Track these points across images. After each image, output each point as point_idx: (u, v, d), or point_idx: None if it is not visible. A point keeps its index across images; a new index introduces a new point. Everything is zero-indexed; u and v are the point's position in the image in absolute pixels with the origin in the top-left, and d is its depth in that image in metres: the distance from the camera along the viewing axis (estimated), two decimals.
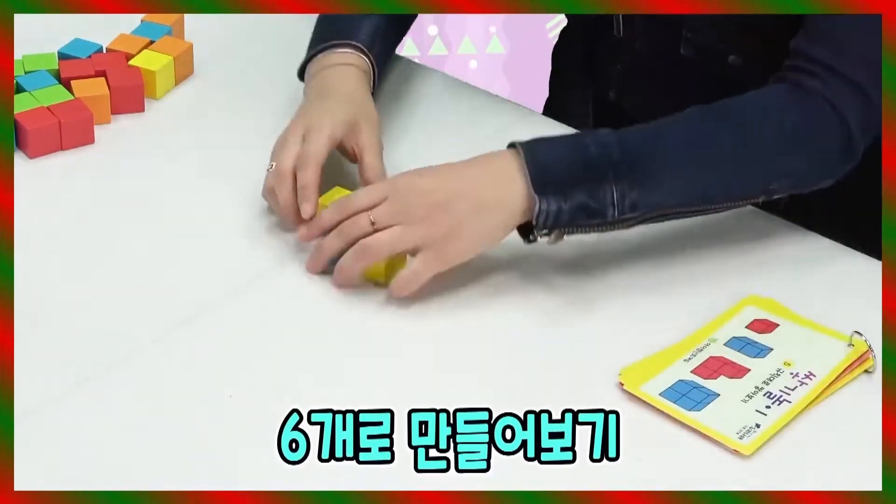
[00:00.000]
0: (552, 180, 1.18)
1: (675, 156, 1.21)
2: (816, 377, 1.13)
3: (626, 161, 1.19)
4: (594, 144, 1.20)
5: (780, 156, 1.23)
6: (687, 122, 1.24)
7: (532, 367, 1.16)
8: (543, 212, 1.18)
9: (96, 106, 1.40)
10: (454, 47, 2.92)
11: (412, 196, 1.18)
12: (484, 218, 1.18)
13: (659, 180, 1.20)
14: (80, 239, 1.27)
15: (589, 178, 1.18)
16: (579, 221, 1.19)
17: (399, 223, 1.18)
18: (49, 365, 1.13)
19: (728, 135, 1.23)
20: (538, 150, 1.19)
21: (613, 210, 1.19)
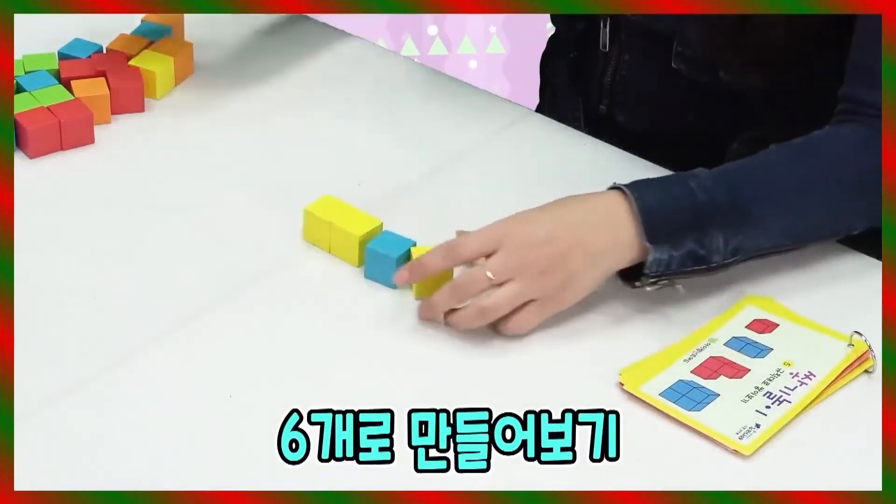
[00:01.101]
0: (664, 229, 1.16)
1: (775, 200, 1.20)
2: (816, 377, 1.13)
3: (733, 207, 1.18)
4: (700, 190, 1.17)
5: (867, 198, 1.21)
6: (782, 163, 1.22)
7: (532, 367, 1.15)
8: (656, 261, 1.16)
9: (96, 106, 1.40)
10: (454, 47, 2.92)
11: (528, 249, 1.15)
12: (597, 266, 1.16)
13: (761, 225, 1.19)
14: (80, 239, 1.27)
15: (698, 226, 1.16)
16: (686, 268, 1.17)
17: (516, 278, 1.14)
18: (49, 365, 1.13)
19: (822, 178, 1.22)
20: (647, 196, 1.17)
21: (719, 256, 1.18)
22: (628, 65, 1.44)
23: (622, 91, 1.47)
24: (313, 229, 1.25)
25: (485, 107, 1.48)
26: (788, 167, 1.23)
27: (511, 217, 1.18)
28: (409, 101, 1.48)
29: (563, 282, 1.16)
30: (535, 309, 1.16)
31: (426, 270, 1.17)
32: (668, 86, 1.41)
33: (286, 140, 1.41)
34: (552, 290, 1.16)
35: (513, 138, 1.43)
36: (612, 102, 1.48)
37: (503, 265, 1.15)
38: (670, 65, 1.39)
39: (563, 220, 1.17)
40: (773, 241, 1.22)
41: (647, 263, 1.16)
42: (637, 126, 1.46)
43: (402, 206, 1.31)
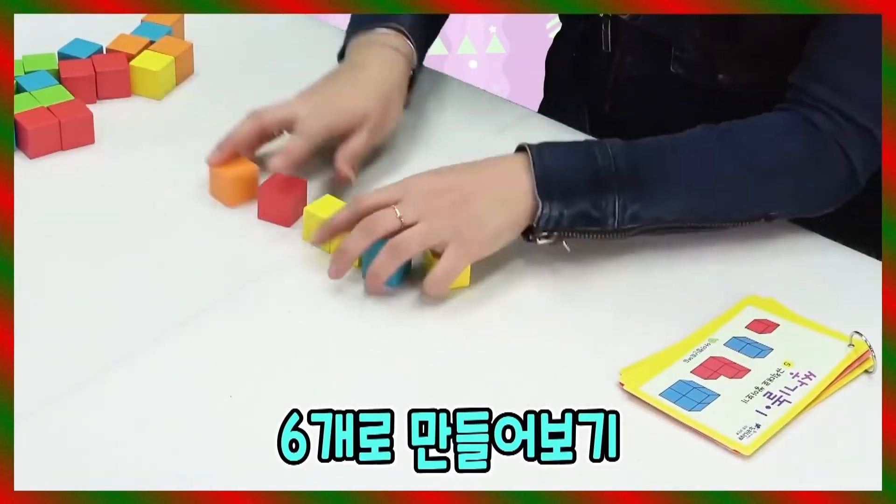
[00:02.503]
0: (557, 186, 1.20)
1: (679, 174, 1.24)
2: (816, 377, 1.14)
3: (631, 174, 1.21)
4: (601, 156, 1.22)
5: (783, 184, 1.25)
6: (695, 141, 1.25)
7: (532, 367, 1.16)
8: (545, 215, 1.20)
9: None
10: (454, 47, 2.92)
11: (432, 194, 1.19)
12: (504, 210, 1.20)
13: (661, 196, 1.22)
14: (80, 239, 1.27)
15: (593, 188, 1.20)
16: (579, 227, 1.21)
17: (424, 218, 1.18)
18: (49, 365, 1.13)
19: (733, 160, 1.24)
20: (546, 155, 1.21)
21: (614, 220, 1.21)
22: (630, 66, 1.45)
23: (625, 92, 1.47)
24: (313, 229, 1.25)
25: (485, 107, 1.48)
26: (702, 146, 1.25)
27: (414, 175, 1.22)
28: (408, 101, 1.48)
29: (472, 220, 1.19)
30: (453, 251, 1.18)
31: (336, 225, 1.21)
32: (668, 88, 1.42)
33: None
34: (460, 230, 1.18)
35: (513, 138, 1.43)
36: (616, 103, 1.48)
37: (410, 206, 1.18)
38: (669, 70, 1.39)
39: (465, 172, 1.22)
40: (676, 215, 1.24)
41: (536, 217, 1.20)
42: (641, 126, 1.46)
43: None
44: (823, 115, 1.25)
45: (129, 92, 1.46)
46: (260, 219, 1.25)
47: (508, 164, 1.22)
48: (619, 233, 1.23)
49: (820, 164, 1.25)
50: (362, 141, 1.31)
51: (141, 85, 1.46)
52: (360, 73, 1.35)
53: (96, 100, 1.45)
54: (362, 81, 1.33)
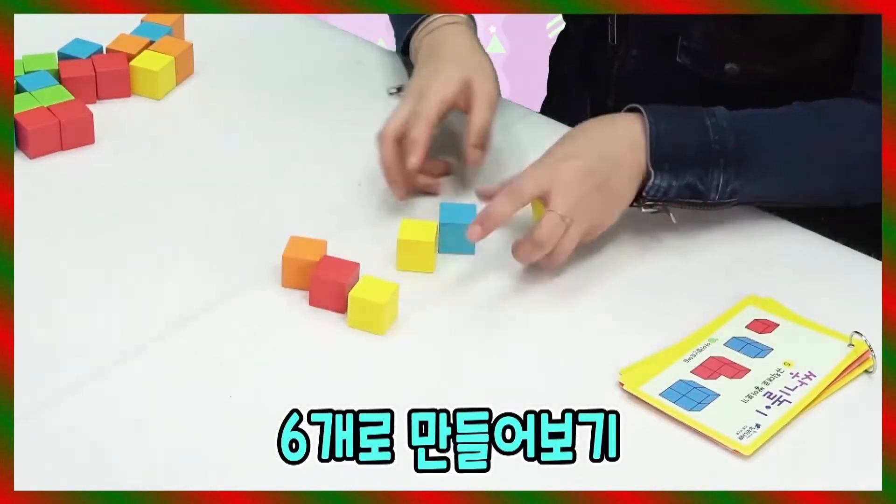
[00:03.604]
0: (669, 159, 1.23)
1: (781, 154, 1.26)
2: (816, 377, 1.14)
3: (737, 151, 1.24)
4: (714, 129, 1.24)
5: (871, 173, 1.24)
6: (796, 121, 1.27)
7: (532, 367, 1.16)
8: (655, 186, 1.24)
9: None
10: None
11: (580, 182, 1.21)
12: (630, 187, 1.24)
13: (762, 175, 1.26)
14: (80, 239, 1.27)
15: (702, 163, 1.23)
16: (683, 198, 1.25)
17: (576, 215, 1.21)
18: (49, 365, 1.13)
19: (832, 143, 1.27)
20: (662, 124, 1.24)
21: (716, 194, 1.25)
22: (635, 60, 1.45)
23: (629, 87, 1.47)
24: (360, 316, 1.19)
25: None
26: (803, 128, 1.27)
27: (549, 154, 1.24)
28: None
29: (607, 205, 1.23)
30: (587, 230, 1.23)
31: (497, 219, 1.22)
32: (673, 82, 1.42)
33: (286, 139, 1.41)
34: (602, 215, 1.23)
35: (513, 138, 1.43)
36: (619, 98, 1.48)
37: (568, 206, 1.20)
38: (675, 60, 1.39)
39: (595, 147, 1.24)
40: (772, 193, 1.28)
41: (646, 187, 1.24)
42: None
43: (402, 206, 1.31)
44: None
45: (129, 92, 1.46)
46: (312, 305, 1.20)
47: (627, 129, 1.24)
48: (717, 205, 1.26)
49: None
50: (483, 115, 1.32)
51: (141, 85, 1.46)
52: (442, 49, 1.36)
53: (96, 100, 1.45)
54: (450, 56, 1.35)
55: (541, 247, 1.21)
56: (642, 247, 1.28)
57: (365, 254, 1.23)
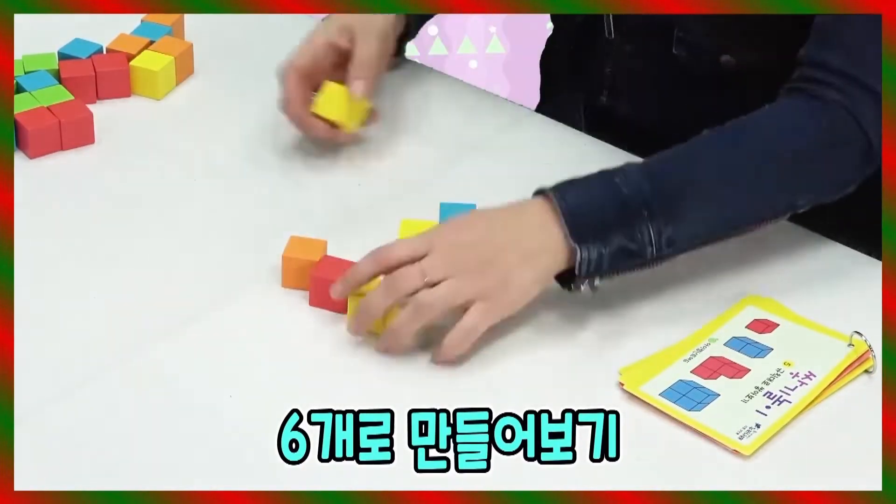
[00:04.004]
0: (590, 228, 1.15)
1: (705, 187, 1.19)
2: (816, 377, 1.14)
3: (658, 198, 1.16)
4: (624, 184, 1.16)
5: (805, 171, 1.21)
6: (709, 148, 1.21)
7: (532, 367, 1.15)
8: (585, 260, 1.14)
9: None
10: (454, 47, 2.92)
11: (458, 250, 1.14)
12: (532, 266, 1.15)
13: (692, 213, 1.18)
14: (80, 239, 1.27)
15: (625, 220, 1.15)
16: (619, 265, 1.16)
17: (450, 276, 1.12)
18: (49, 365, 1.13)
19: (752, 158, 1.20)
20: (569, 196, 1.16)
21: (652, 249, 1.16)
22: (629, 55, 1.44)
23: (623, 82, 1.47)
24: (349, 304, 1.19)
25: (485, 107, 1.48)
26: (713, 153, 1.21)
27: (440, 225, 1.18)
28: (409, 101, 1.48)
29: (500, 281, 1.13)
30: (478, 311, 1.13)
31: (357, 278, 1.15)
32: (667, 76, 1.41)
33: (286, 139, 1.41)
34: (487, 290, 1.13)
35: (513, 138, 1.43)
36: (613, 94, 1.48)
37: (436, 264, 1.13)
38: (670, 53, 1.38)
39: (491, 225, 1.16)
40: (709, 228, 1.20)
41: (576, 262, 1.14)
42: (637, 117, 1.46)
43: (402, 206, 1.31)
44: (834, 88, 1.21)
45: (129, 92, 1.46)
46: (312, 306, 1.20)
47: (535, 213, 1.16)
48: (658, 260, 1.17)
49: (836, 143, 1.21)
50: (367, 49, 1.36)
51: (141, 85, 1.46)
52: None
53: (96, 100, 1.45)
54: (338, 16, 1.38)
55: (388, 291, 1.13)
56: None
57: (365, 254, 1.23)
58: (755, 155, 1.21)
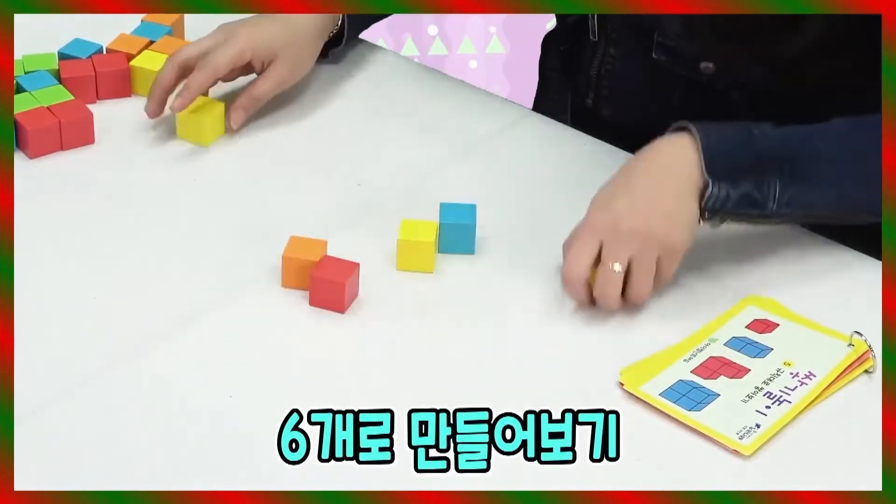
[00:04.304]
0: (724, 165, 1.20)
1: (834, 161, 1.24)
2: (816, 377, 1.14)
3: (790, 157, 1.22)
4: (763, 138, 1.22)
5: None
6: (844, 129, 1.25)
7: (532, 367, 1.16)
8: (713, 196, 1.20)
9: None
10: (454, 47, 2.92)
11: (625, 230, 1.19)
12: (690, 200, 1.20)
13: (816, 182, 1.22)
14: (80, 239, 1.27)
15: (757, 169, 1.21)
16: (742, 209, 1.21)
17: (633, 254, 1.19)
18: (49, 365, 1.13)
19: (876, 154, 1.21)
20: (712, 136, 1.21)
21: (773, 203, 1.21)
22: (613, 58, 1.44)
23: (607, 85, 1.47)
24: None
25: (485, 107, 1.48)
26: (851, 135, 1.25)
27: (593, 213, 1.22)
28: (409, 102, 1.48)
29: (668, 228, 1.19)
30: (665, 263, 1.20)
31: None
32: (650, 80, 1.42)
33: (286, 139, 1.41)
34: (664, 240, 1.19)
35: (513, 138, 1.43)
36: (598, 96, 1.48)
37: (615, 253, 1.19)
38: (651, 58, 1.38)
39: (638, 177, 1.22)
40: (827, 202, 1.24)
41: (705, 197, 1.20)
42: (622, 121, 1.47)
43: (402, 207, 1.31)
44: None
45: (129, 92, 1.46)
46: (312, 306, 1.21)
47: (675, 151, 1.22)
48: (775, 217, 1.23)
49: None
50: (267, 87, 1.39)
51: (141, 85, 1.46)
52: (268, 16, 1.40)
53: (96, 100, 1.45)
54: (269, 20, 1.40)
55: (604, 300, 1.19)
56: None
57: (365, 254, 1.23)
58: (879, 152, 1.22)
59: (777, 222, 1.25)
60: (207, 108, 1.39)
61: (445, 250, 1.26)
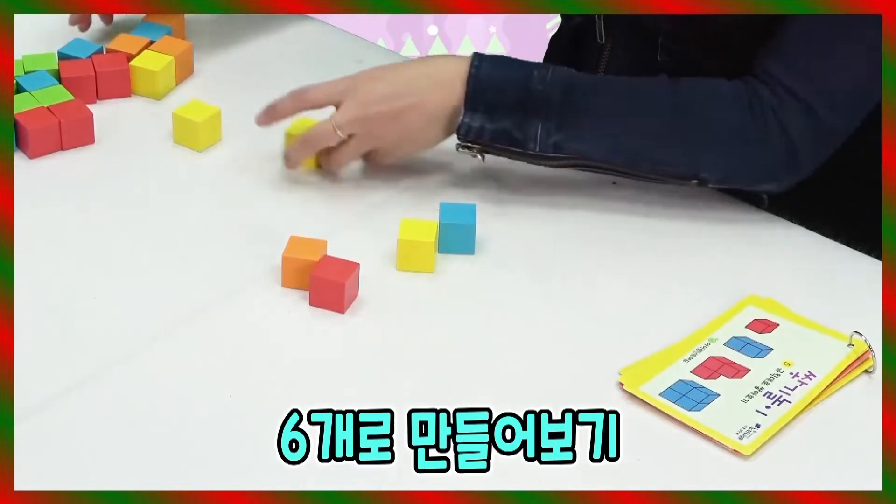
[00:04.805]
0: (484, 100, 1.24)
1: (609, 112, 1.26)
2: (816, 377, 1.14)
3: (561, 104, 1.25)
4: (538, 79, 1.25)
5: (714, 147, 1.27)
6: (639, 85, 1.28)
7: (532, 367, 1.16)
8: (466, 125, 1.26)
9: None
10: (454, 47, 2.92)
11: (368, 105, 1.27)
12: (432, 125, 1.28)
13: (586, 131, 1.26)
14: (80, 239, 1.27)
15: (519, 108, 1.25)
16: (500, 144, 1.27)
17: (358, 132, 1.27)
18: (49, 365, 1.13)
19: (669, 109, 1.27)
20: (484, 67, 1.26)
21: (535, 144, 1.25)
22: (619, 59, 1.44)
23: None
24: None
25: None
26: (637, 89, 1.28)
27: (360, 72, 1.30)
28: None
29: (398, 139, 1.28)
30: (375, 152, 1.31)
31: (277, 113, 1.31)
32: None
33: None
34: (387, 145, 1.29)
35: None
36: None
37: (346, 119, 1.27)
38: (656, 60, 1.38)
39: (404, 77, 1.28)
40: (601, 154, 1.27)
41: (458, 125, 1.26)
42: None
43: (402, 206, 1.31)
44: (768, 88, 1.26)
45: (129, 92, 1.46)
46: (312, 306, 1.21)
47: (448, 72, 1.27)
48: (541, 158, 1.26)
49: (754, 134, 1.26)
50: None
51: (141, 85, 1.46)
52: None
53: (96, 100, 1.45)
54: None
55: (306, 144, 1.29)
56: (641, 246, 1.29)
57: (365, 254, 1.23)
58: (674, 107, 1.27)
59: (553, 165, 1.28)
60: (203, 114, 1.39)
61: (445, 250, 1.26)
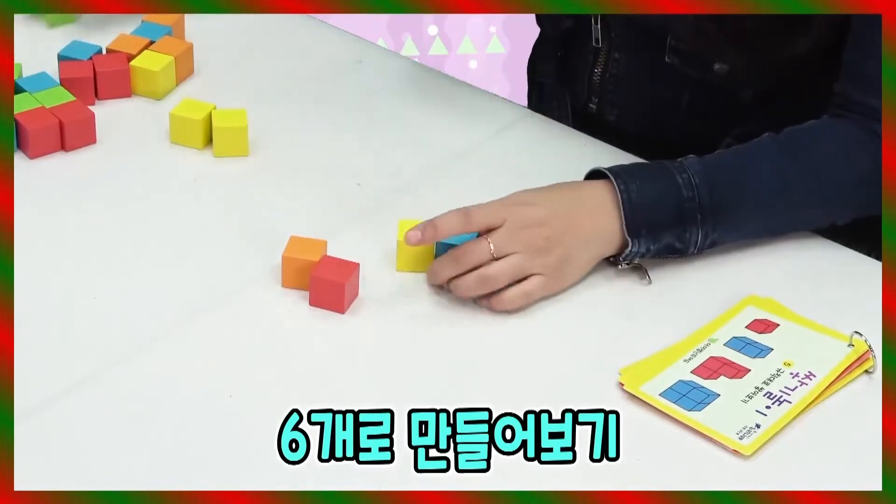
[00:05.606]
0: (645, 224, 1.22)
1: (758, 198, 1.25)
2: (816, 377, 1.14)
3: (713, 204, 1.23)
4: (685, 185, 1.23)
5: (852, 197, 1.26)
6: (768, 157, 1.26)
7: (532, 367, 1.16)
8: (633, 253, 1.23)
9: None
10: (454, 47, 2.92)
11: (528, 228, 1.20)
12: (589, 249, 1.22)
13: (740, 222, 1.25)
14: (80, 239, 1.27)
15: (679, 223, 1.22)
16: (662, 256, 1.24)
17: (517, 252, 1.20)
18: (49, 365, 1.13)
19: (807, 178, 1.26)
20: (633, 189, 1.22)
21: (695, 248, 1.24)
22: (619, 63, 1.44)
23: (613, 90, 1.47)
24: None
25: (485, 107, 1.48)
26: (776, 165, 1.26)
27: (512, 196, 1.23)
28: (409, 101, 1.48)
29: (560, 259, 1.21)
30: (539, 281, 1.20)
31: (438, 232, 1.21)
32: (659, 83, 1.41)
33: (286, 139, 1.41)
34: (552, 267, 1.21)
35: (513, 138, 1.43)
36: (602, 101, 1.48)
37: (505, 240, 1.20)
38: (662, 61, 1.38)
39: (558, 204, 1.23)
40: (751, 234, 1.27)
41: (623, 254, 1.23)
42: (627, 124, 1.46)
43: (402, 206, 1.31)
44: (878, 122, 1.23)
45: (129, 92, 1.46)
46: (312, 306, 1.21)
47: (598, 200, 1.22)
48: (696, 254, 1.25)
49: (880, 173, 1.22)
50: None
51: (141, 85, 1.46)
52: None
53: (96, 100, 1.45)
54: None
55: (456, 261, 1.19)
56: None
57: (365, 254, 1.23)
58: (811, 174, 1.26)
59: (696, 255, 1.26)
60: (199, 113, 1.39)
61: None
